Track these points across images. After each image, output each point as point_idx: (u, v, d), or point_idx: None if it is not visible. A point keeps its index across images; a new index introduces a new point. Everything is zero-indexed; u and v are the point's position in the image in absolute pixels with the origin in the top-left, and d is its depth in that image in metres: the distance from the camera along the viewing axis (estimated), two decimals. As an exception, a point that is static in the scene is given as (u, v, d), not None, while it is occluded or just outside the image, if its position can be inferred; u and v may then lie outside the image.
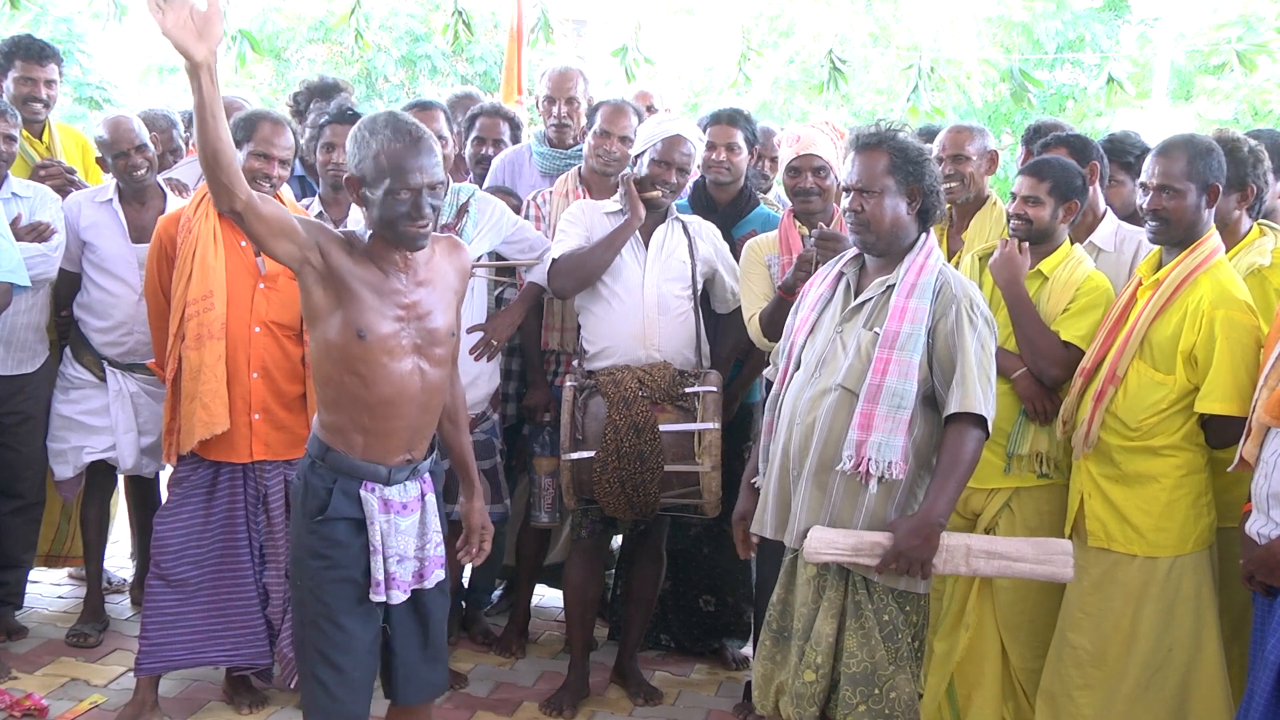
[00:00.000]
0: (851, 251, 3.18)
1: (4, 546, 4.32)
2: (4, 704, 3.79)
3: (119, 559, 5.12)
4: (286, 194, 3.99)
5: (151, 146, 4.22)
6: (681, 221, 4.02)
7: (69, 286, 4.24)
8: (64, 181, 4.45)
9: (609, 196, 4.11)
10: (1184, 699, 3.21)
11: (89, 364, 4.21)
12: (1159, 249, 3.32)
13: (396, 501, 2.80)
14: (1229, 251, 3.31)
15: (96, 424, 4.21)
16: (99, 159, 4.29)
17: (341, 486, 2.77)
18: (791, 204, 3.96)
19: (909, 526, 2.83)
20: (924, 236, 3.03)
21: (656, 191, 3.88)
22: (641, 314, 3.87)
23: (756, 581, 4.11)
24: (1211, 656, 3.20)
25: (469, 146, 4.86)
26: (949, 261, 3.34)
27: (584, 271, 3.88)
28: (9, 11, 7.40)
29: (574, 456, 3.75)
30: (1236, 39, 12.44)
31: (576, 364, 3.98)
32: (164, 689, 3.88)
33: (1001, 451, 3.44)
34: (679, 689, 4.32)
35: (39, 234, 4.01)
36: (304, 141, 4.30)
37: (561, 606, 4.49)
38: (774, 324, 3.58)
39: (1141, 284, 3.32)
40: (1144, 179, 3.29)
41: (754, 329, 3.80)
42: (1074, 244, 3.57)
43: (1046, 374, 3.40)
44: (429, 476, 2.90)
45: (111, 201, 4.19)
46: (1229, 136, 3.41)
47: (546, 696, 4.10)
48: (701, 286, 3.99)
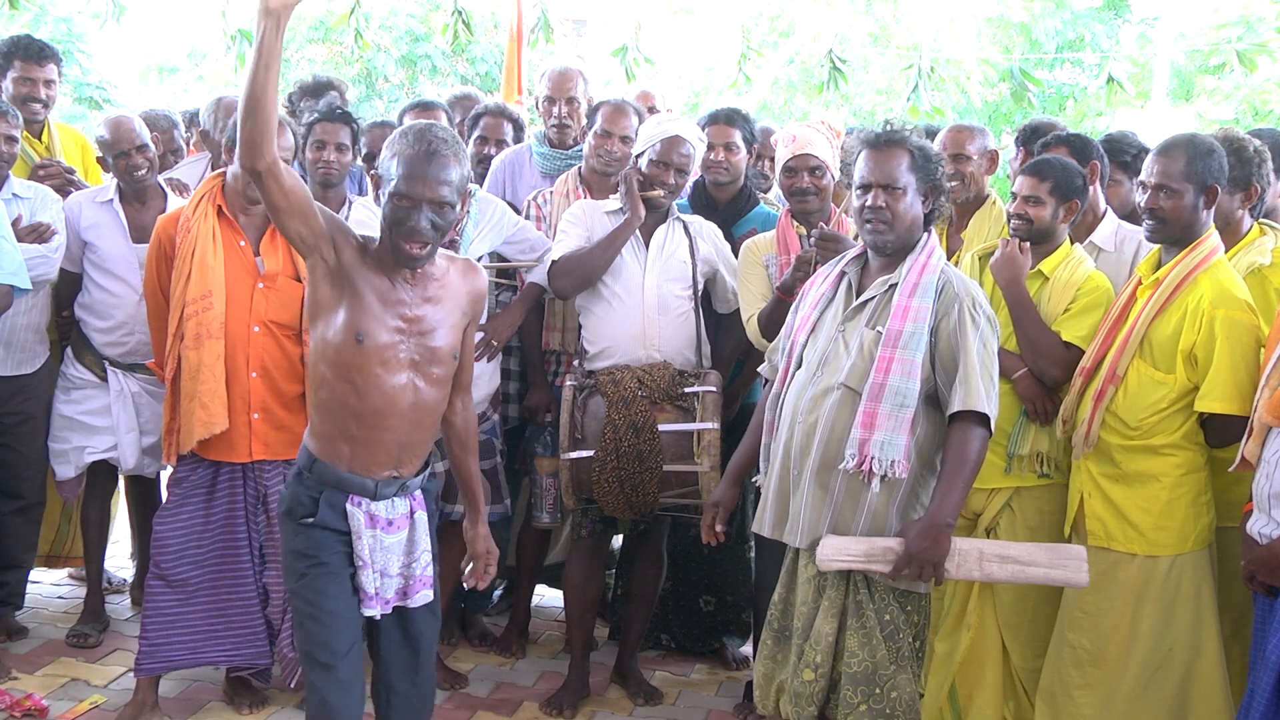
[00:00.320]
0: (853, 251, 3.18)
1: (4, 547, 4.31)
2: (4, 704, 3.79)
3: (119, 559, 5.11)
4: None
5: (152, 146, 4.22)
6: (682, 221, 4.02)
7: (70, 287, 4.24)
8: (63, 181, 4.44)
9: (609, 196, 4.12)
10: (1184, 698, 3.21)
11: (90, 364, 4.21)
12: (1158, 248, 3.32)
13: (383, 517, 2.79)
14: (1229, 251, 3.32)
15: (98, 424, 4.20)
16: (100, 159, 4.29)
17: (328, 499, 2.76)
18: (788, 204, 3.95)
19: (918, 529, 2.84)
20: (926, 236, 3.04)
21: (657, 191, 3.87)
22: (642, 314, 3.87)
23: (756, 581, 4.11)
24: (1211, 656, 3.20)
25: (471, 146, 4.84)
26: (948, 261, 3.35)
27: (584, 271, 3.88)
28: (8, 11, 7.40)
29: (573, 456, 3.75)
30: (1236, 39, 12.44)
31: (577, 364, 3.98)
32: (164, 689, 3.88)
33: (1002, 451, 3.44)
34: (679, 689, 4.32)
35: (40, 235, 4.01)
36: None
37: (561, 606, 4.49)
38: (773, 324, 3.57)
39: (1141, 283, 3.32)
40: (1143, 177, 3.29)
41: (752, 329, 3.80)
42: (1074, 244, 3.57)
43: (1047, 374, 3.40)
44: (420, 494, 2.88)
45: (112, 201, 4.19)
46: (1234, 136, 3.41)
47: (547, 696, 4.09)
48: (702, 286, 3.99)
